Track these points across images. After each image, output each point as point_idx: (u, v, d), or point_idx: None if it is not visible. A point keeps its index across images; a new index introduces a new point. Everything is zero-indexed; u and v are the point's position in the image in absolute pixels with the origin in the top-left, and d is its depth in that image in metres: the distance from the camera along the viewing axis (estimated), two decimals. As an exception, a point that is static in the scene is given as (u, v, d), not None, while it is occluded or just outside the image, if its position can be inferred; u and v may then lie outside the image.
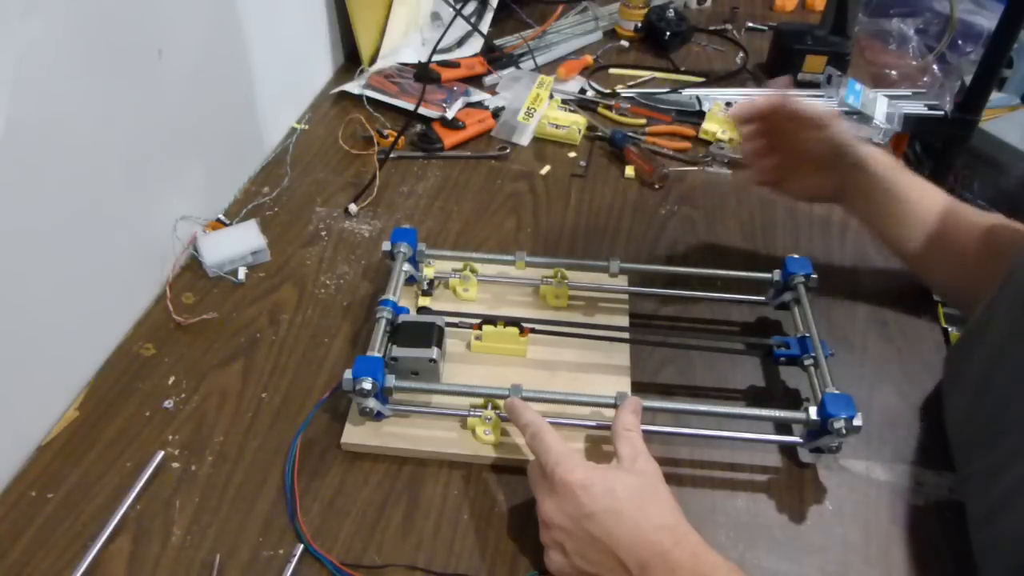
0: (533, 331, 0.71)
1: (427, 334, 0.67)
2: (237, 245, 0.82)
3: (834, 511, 0.62)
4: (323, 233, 0.88)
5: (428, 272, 0.78)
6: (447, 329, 0.70)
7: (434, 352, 0.66)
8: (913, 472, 0.64)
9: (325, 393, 0.69)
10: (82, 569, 0.56)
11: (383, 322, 0.68)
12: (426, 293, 0.78)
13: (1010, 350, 0.58)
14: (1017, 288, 0.59)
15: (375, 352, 0.65)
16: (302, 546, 0.58)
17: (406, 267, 0.75)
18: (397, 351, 0.66)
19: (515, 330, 0.71)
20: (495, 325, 0.71)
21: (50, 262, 0.64)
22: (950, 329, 1.01)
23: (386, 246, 0.75)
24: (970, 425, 0.62)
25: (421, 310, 0.75)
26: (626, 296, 0.79)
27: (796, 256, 0.75)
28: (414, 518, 0.61)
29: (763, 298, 0.77)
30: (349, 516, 0.61)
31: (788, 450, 0.66)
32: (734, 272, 0.78)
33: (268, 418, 0.68)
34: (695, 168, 1.00)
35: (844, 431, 0.60)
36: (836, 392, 0.62)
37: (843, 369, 0.73)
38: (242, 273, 0.81)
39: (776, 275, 0.75)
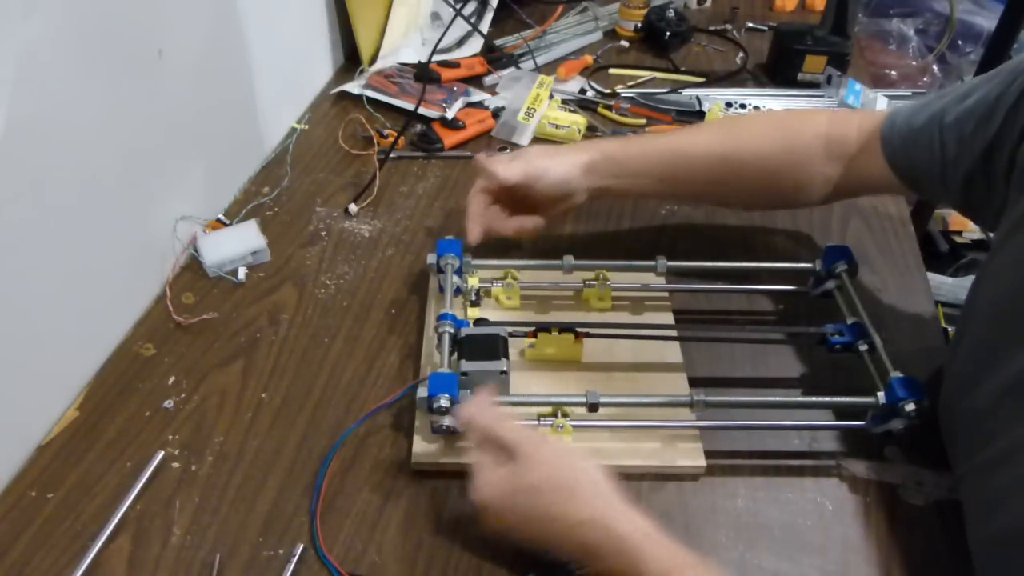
0: (588, 335, 0.71)
1: (493, 345, 0.65)
2: (237, 245, 0.82)
3: (834, 511, 0.62)
4: (323, 233, 0.88)
5: (473, 282, 0.76)
6: None
7: (504, 364, 0.64)
8: (913, 472, 0.64)
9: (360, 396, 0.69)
10: (82, 569, 0.56)
11: (447, 336, 0.67)
12: (474, 304, 0.76)
13: (992, 347, 0.58)
14: (994, 284, 0.59)
15: (444, 368, 0.64)
16: (302, 546, 0.58)
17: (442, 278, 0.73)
18: (467, 365, 0.64)
19: (570, 336, 0.70)
20: (549, 332, 0.70)
21: (50, 262, 0.64)
22: (950, 329, 1.02)
23: (431, 259, 0.74)
24: (961, 422, 0.62)
25: (479, 322, 0.72)
26: (666, 293, 0.79)
27: (835, 244, 0.75)
28: (414, 518, 0.61)
29: (802, 288, 0.78)
30: (349, 516, 0.61)
31: (788, 450, 0.66)
32: (775, 264, 0.78)
33: (268, 418, 0.68)
34: (695, 168, 1.00)
35: (915, 414, 0.61)
36: (901, 376, 0.63)
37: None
38: (242, 273, 0.81)
39: (817, 264, 0.76)
